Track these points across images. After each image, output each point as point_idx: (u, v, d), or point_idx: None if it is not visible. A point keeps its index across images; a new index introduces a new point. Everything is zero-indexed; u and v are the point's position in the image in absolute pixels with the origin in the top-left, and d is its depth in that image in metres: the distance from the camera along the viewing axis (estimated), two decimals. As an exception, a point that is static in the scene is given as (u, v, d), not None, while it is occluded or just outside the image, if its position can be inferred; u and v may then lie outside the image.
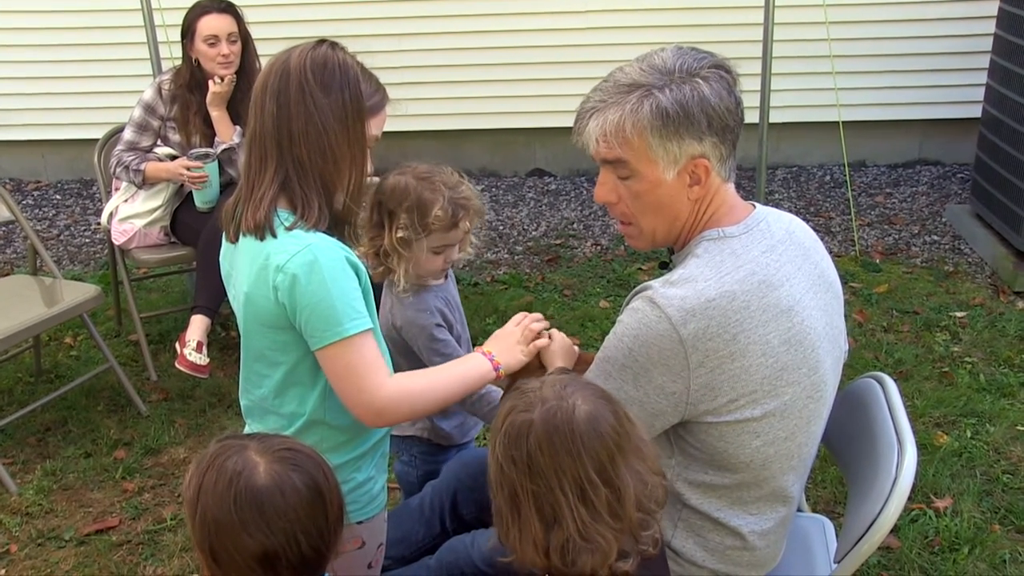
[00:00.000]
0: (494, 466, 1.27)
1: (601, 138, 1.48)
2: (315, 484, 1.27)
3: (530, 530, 1.24)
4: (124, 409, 3.24)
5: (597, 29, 4.99)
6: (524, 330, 1.70)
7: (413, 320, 1.95)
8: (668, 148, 1.45)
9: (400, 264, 1.92)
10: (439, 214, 1.88)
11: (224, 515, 1.23)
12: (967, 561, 2.46)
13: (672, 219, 1.54)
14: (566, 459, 1.23)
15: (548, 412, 1.25)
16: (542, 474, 1.23)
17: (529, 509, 1.24)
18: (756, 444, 1.50)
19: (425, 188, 1.90)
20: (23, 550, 2.61)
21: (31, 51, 5.12)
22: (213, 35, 3.22)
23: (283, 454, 1.28)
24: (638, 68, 1.48)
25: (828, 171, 5.26)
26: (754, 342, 1.45)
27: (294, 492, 1.25)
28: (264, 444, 1.30)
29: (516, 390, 1.32)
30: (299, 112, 1.50)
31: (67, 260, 4.52)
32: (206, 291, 3.18)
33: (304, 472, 1.27)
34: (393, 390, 1.54)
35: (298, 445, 1.33)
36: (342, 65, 1.53)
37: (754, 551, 1.59)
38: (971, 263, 4.17)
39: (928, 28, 4.96)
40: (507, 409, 1.28)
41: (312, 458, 1.30)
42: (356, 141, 1.54)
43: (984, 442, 2.93)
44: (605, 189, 1.55)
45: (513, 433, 1.25)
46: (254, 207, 1.53)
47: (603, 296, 3.95)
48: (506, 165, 5.43)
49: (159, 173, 3.31)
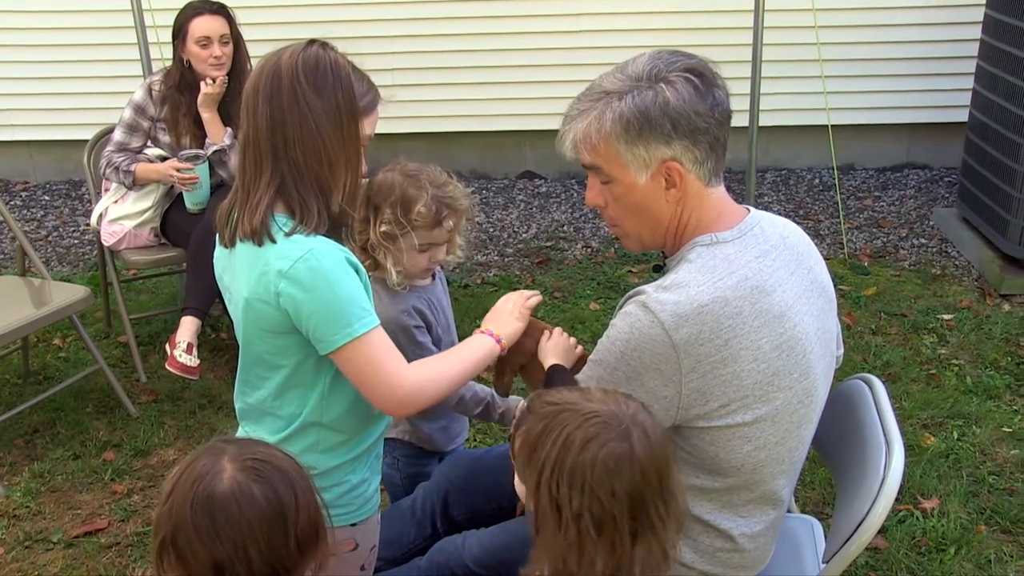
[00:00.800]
0: (567, 497, 1.20)
1: (572, 147, 1.53)
2: (278, 500, 1.20)
3: (621, 553, 1.21)
4: (113, 411, 3.23)
5: (588, 32, 5.00)
6: (516, 304, 1.75)
7: (393, 318, 1.96)
8: (636, 153, 1.48)
9: (387, 258, 1.94)
10: (422, 211, 1.90)
11: (181, 516, 1.20)
12: (953, 561, 2.48)
13: (654, 222, 1.56)
14: (660, 474, 1.23)
15: (644, 434, 1.23)
16: (646, 494, 1.22)
17: (620, 531, 1.21)
18: (747, 449, 1.51)
19: (410, 185, 1.92)
20: (10, 552, 2.60)
21: (20, 51, 5.10)
22: (205, 36, 3.22)
23: (252, 463, 1.22)
24: (613, 76, 1.52)
25: (817, 174, 5.29)
26: (746, 347, 1.45)
27: (250, 504, 1.19)
28: (241, 450, 1.25)
29: (554, 406, 1.26)
30: (293, 115, 1.49)
31: (56, 261, 4.50)
32: (196, 292, 3.17)
33: (268, 485, 1.21)
34: (414, 378, 1.56)
35: (276, 458, 1.25)
36: (334, 65, 1.52)
37: (744, 553, 1.60)
38: (958, 266, 4.20)
39: (915, 33, 5.00)
40: (586, 436, 1.21)
41: (285, 473, 1.23)
42: (351, 142, 1.54)
43: (971, 443, 2.96)
44: (593, 193, 1.59)
45: (611, 465, 1.20)
46: (250, 212, 1.52)
47: (593, 298, 3.96)
48: (496, 167, 5.44)
49: (149, 174, 3.30)
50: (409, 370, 1.57)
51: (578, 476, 1.20)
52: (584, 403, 1.26)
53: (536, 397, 1.31)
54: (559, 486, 1.20)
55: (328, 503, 1.29)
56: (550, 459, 1.22)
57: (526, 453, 1.26)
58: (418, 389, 1.57)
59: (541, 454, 1.23)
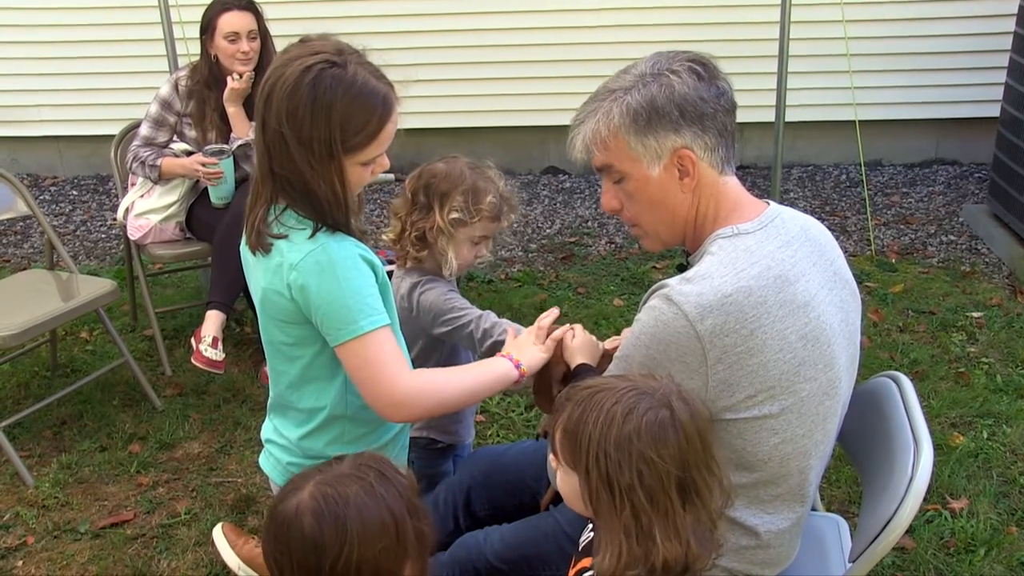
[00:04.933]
0: (617, 470, 1.22)
1: (583, 148, 1.54)
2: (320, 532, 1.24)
3: (675, 521, 1.23)
4: (139, 404, 3.26)
5: (611, 27, 4.98)
6: (535, 330, 1.73)
7: (433, 301, 1.99)
8: (647, 144, 1.49)
9: (449, 246, 1.98)
10: (492, 201, 1.97)
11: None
12: (983, 563, 2.44)
13: (671, 215, 1.55)
14: (702, 438, 1.27)
15: (682, 401, 1.27)
16: (691, 459, 1.25)
17: (671, 498, 1.23)
18: (774, 441, 1.50)
19: (479, 177, 1.99)
20: (39, 542, 2.63)
21: (48, 48, 5.16)
22: (234, 32, 3.24)
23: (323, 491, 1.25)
24: (617, 77, 1.53)
25: (844, 170, 5.23)
26: (772, 337, 1.44)
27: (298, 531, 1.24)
28: (325, 476, 1.27)
29: (588, 389, 1.29)
30: (275, 145, 1.49)
31: (83, 255, 4.55)
32: (221, 287, 3.19)
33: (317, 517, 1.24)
34: (412, 384, 1.55)
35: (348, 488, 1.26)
36: (323, 96, 1.46)
37: (768, 550, 1.59)
38: (988, 263, 4.14)
39: (945, 26, 4.93)
40: (627, 408, 1.24)
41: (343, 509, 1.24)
42: (327, 177, 1.50)
43: (1001, 443, 2.91)
44: (608, 196, 1.60)
45: (656, 431, 1.23)
46: (250, 227, 1.55)
47: (617, 294, 3.95)
48: (520, 163, 5.43)
49: (175, 169, 3.33)
50: (410, 376, 1.56)
51: (624, 447, 1.22)
52: (618, 382, 1.29)
53: (570, 388, 1.32)
54: (608, 461, 1.22)
55: None
56: (594, 438, 1.24)
57: (569, 439, 1.27)
58: (415, 396, 1.56)
59: (584, 435, 1.25)
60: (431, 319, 2.00)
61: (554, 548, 1.77)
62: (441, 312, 1.99)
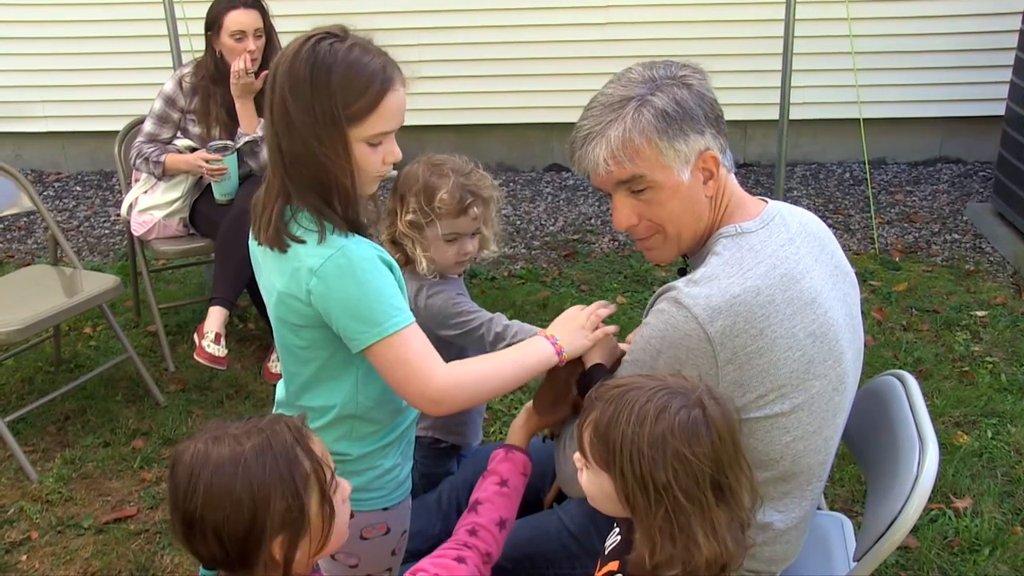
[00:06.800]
0: (651, 468, 1.21)
1: (610, 158, 1.46)
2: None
3: (712, 519, 1.22)
4: (142, 399, 3.26)
5: (616, 24, 4.97)
6: (590, 315, 1.66)
7: (440, 306, 1.96)
8: (678, 148, 1.45)
9: (416, 247, 1.95)
10: (444, 198, 1.90)
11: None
12: (987, 563, 2.44)
13: (696, 221, 1.53)
14: (733, 437, 1.26)
15: (713, 400, 1.26)
16: (724, 458, 1.24)
17: (706, 496, 1.22)
18: (786, 440, 1.49)
19: (433, 173, 1.93)
20: (43, 536, 2.64)
21: (52, 44, 5.16)
22: (240, 30, 3.23)
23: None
24: (619, 85, 1.49)
25: (848, 168, 5.22)
26: (781, 336, 1.44)
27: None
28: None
29: (617, 388, 1.27)
30: (282, 127, 1.47)
31: (87, 251, 4.56)
32: (224, 283, 3.19)
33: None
34: (447, 379, 1.52)
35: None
36: (322, 67, 1.46)
37: (775, 546, 1.59)
38: (992, 262, 4.13)
39: (951, 24, 4.91)
40: (659, 406, 1.23)
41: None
42: (334, 151, 1.47)
43: (1005, 442, 2.91)
44: (623, 214, 1.52)
45: (689, 429, 1.22)
46: (265, 223, 1.53)
47: (620, 291, 3.94)
48: (524, 160, 5.42)
49: (178, 165, 3.33)
50: (444, 371, 1.53)
51: (659, 445, 1.21)
52: (647, 381, 1.28)
53: (598, 387, 1.31)
54: (641, 460, 1.21)
55: (360, 487, 1.27)
56: (627, 437, 1.22)
57: (600, 440, 1.26)
58: (452, 389, 1.53)
59: (616, 435, 1.23)
60: (439, 323, 1.98)
61: (557, 546, 1.76)
62: (450, 316, 1.96)
